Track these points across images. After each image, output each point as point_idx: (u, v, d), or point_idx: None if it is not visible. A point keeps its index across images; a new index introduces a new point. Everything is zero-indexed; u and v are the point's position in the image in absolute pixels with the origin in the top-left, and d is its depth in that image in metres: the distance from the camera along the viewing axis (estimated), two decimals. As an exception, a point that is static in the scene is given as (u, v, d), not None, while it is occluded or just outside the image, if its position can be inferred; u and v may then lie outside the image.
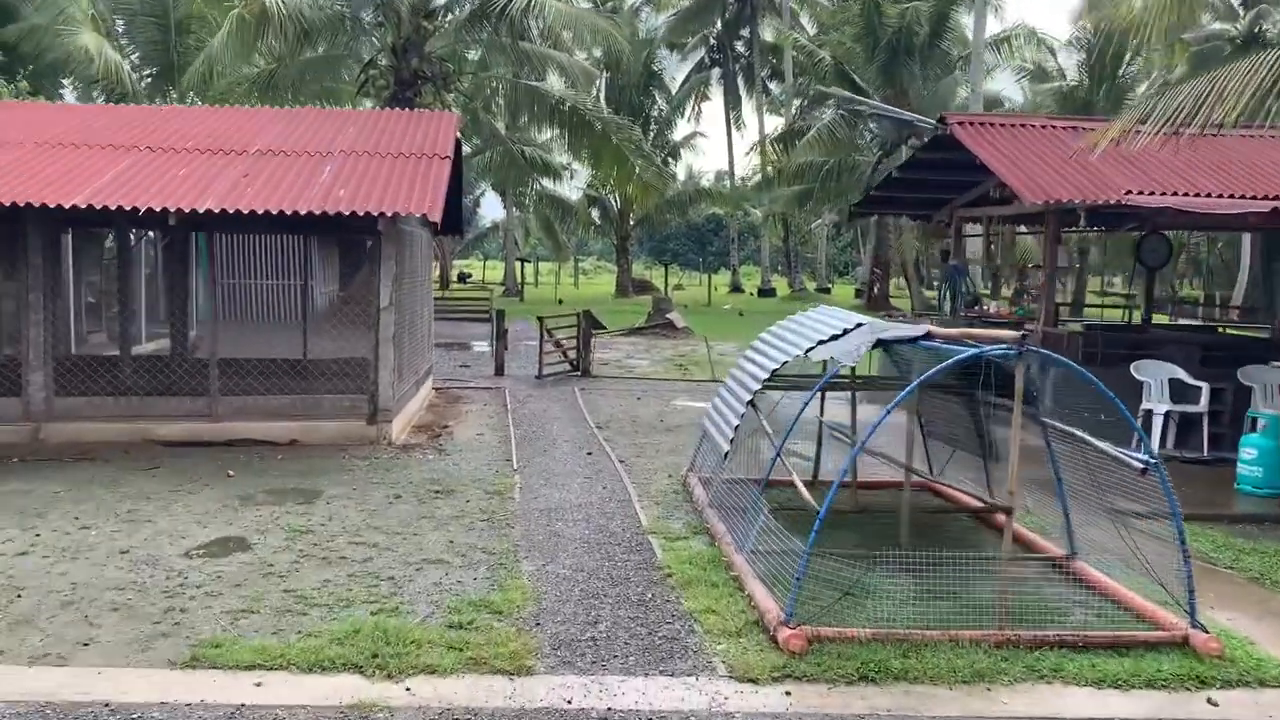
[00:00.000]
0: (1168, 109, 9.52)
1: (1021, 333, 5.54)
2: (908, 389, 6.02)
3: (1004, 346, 5.59)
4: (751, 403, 7.92)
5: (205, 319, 23.91)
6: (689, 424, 12.91)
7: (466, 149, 45.85)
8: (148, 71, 29.13)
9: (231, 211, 10.07)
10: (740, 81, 62.73)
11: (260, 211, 10.10)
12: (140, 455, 10.09)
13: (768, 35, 61.21)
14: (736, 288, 61.34)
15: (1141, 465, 5.32)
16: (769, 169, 44.00)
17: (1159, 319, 26.20)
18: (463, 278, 53.41)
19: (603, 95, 48.20)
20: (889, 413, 6.02)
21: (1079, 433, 5.97)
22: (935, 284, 57.77)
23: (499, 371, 17.41)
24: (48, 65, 26.85)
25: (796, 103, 52.80)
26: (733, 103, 62.69)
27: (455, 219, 15.82)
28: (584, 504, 8.55)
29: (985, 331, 6.26)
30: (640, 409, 14.09)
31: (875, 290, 40.35)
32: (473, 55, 33.25)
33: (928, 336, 6.44)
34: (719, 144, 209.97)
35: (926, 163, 14.94)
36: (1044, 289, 13.28)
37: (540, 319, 16.88)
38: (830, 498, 5.70)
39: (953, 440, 8.67)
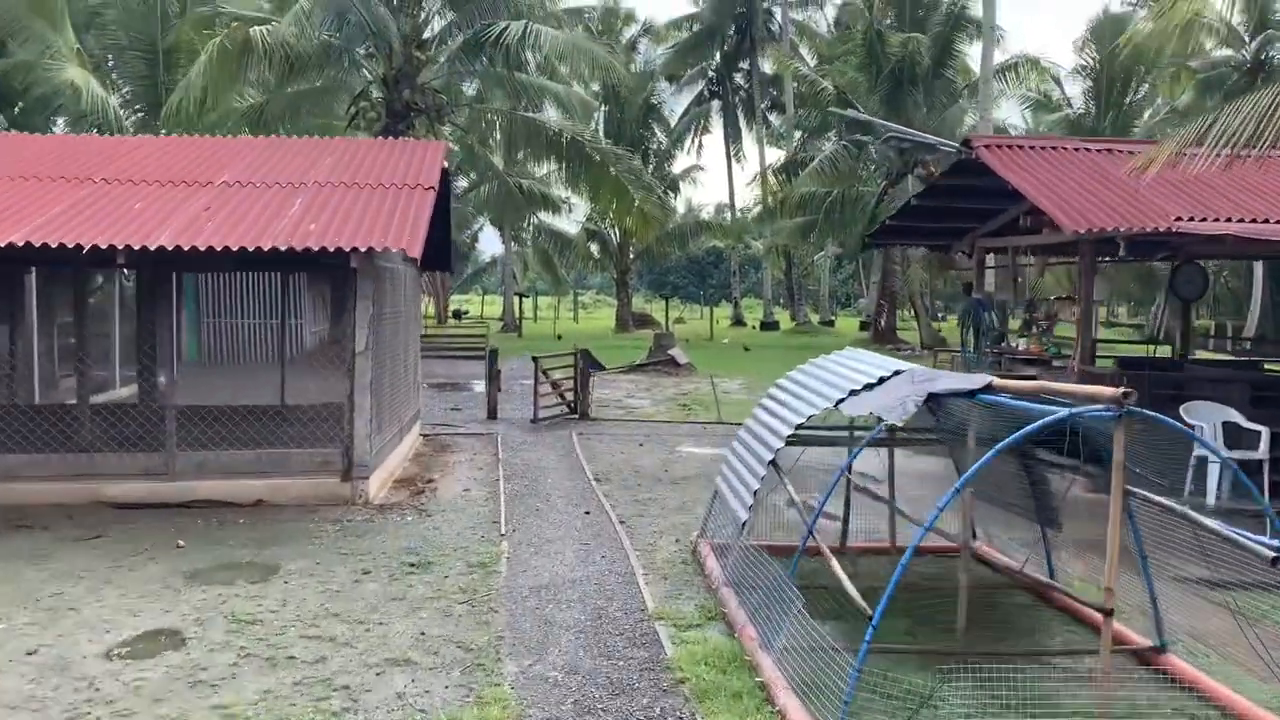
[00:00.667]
0: (1228, 128, 8.55)
1: (1122, 390, 4.48)
2: (982, 460, 4.90)
3: (1100, 407, 4.54)
4: (773, 462, 6.85)
5: (192, 361, 22.78)
6: (696, 475, 11.83)
7: (463, 183, 45.27)
8: (138, 107, 28.33)
9: (186, 249, 9.06)
10: (740, 114, 62.18)
11: (219, 248, 9.08)
12: (85, 520, 9.00)
13: (767, 67, 60.74)
14: (738, 321, 60.37)
15: (1273, 554, 4.25)
16: (770, 200, 43.20)
17: (1162, 352, 25.29)
18: (458, 314, 52.42)
19: (601, 129, 47.46)
20: (957, 491, 4.95)
21: (1183, 509, 4.89)
22: (942, 315, 56.94)
23: (492, 415, 16.34)
24: (36, 101, 26.05)
25: (798, 134, 52.19)
26: (733, 135, 62.10)
27: (444, 254, 14.85)
28: (580, 579, 7.45)
29: (1066, 387, 5.20)
30: (642, 457, 13.01)
31: (882, 323, 39.33)
32: (469, 89, 32.58)
33: (989, 389, 5.38)
34: (719, 176, 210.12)
35: (946, 190, 13.96)
36: (1080, 324, 12.25)
37: (535, 359, 15.84)
38: (885, 602, 4.61)
39: (1000, 500, 7.60)
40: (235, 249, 9.12)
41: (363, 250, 9.41)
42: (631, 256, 53.23)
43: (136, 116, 27.97)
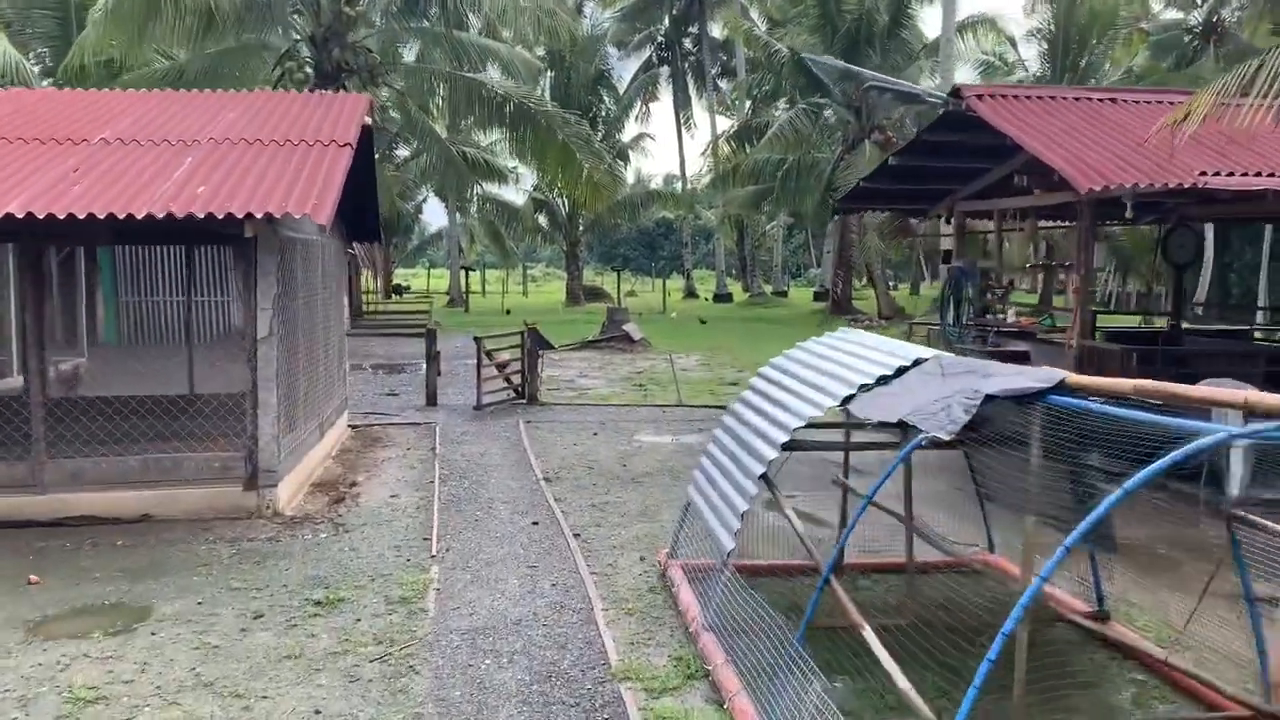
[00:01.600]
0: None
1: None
2: (1112, 499, 3.52)
3: (1267, 426, 3.24)
4: (764, 476, 5.51)
5: (109, 344, 20.77)
6: (658, 470, 10.49)
7: (404, 152, 43.28)
8: (53, 67, 26.09)
9: (41, 216, 7.44)
10: (690, 80, 60.53)
11: (81, 215, 7.48)
12: (-78, 548, 7.43)
13: (717, 31, 59.15)
14: (691, 293, 59.08)
15: None
16: (721, 168, 41.84)
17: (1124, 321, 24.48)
18: (399, 290, 50.40)
19: (547, 94, 45.66)
20: (1068, 551, 3.61)
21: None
22: (893, 285, 56.03)
23: (431, 401, 14.85)
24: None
25: (749, 101, 50.78)
26: (682, 102, 60.46)
27: (373, 223, 13.27)
28: (525, 618, 6.07)
29: (1187, 390, 3.90)
30: (598, 449, 11.64)
31: (838, 293, 38.26)
32: (408, 54, 30.63)
33: (1061, 388, 4.06)
34: (668, 146, 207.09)
35: (926, 147, 12.66)
36: (1079, 294, 11.07)
37: (478, 339, 14.34)
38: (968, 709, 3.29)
39: (1029, 508, 6.34)
40: (102, 216, 7.53)
41: (259, 216, 7.87)
42: (581, 229, 51.65)
43: (50, 81, 25.79)
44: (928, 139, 12.20)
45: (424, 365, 15.40)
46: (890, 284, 59.48)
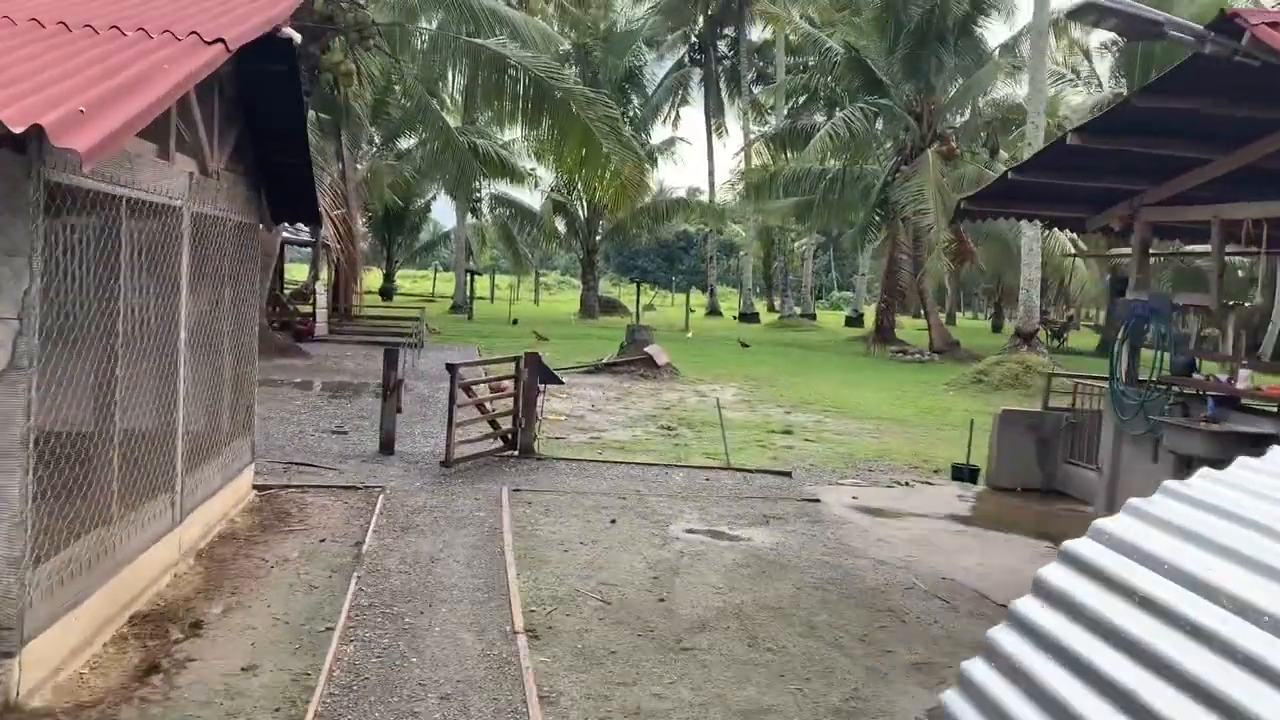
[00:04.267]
0: None
1: None
2: None
3: None
4: None
5: None
6: (723, 615, 6.37)
7: (409, 142, 39.21)
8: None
9: None
10: (723, 85, 56.72)
11: None
12: None
13: (756, 34, 55.29)
14: (714, 310, 55.05)
15: None
16: (759, 176, 37.81)
17: None
18: (386, 293, 46.33)
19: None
20: None
21: None
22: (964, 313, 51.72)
23: (386, 448, 10.79)
24: None
25: (787, 106, 46.84)
26: (714, 108, 56.62)
27: (305, 197, 9.18)
28: None
29: None
30: (617, 554, 7.53)
31: (883, 321, 34.09)
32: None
33: None
34: (695, 155, 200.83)
35: (1128, 120, 8.56)
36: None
37: (452, 367, 10.17)
38: None
39: None
40: None
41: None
42: (599, 236, 47.68)
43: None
44: (1140, 105, 8.07)
45: (403, 378, 11.33)
46: (961, 311, 55.19)
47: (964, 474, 11.40)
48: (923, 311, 33.54)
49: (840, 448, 13.61)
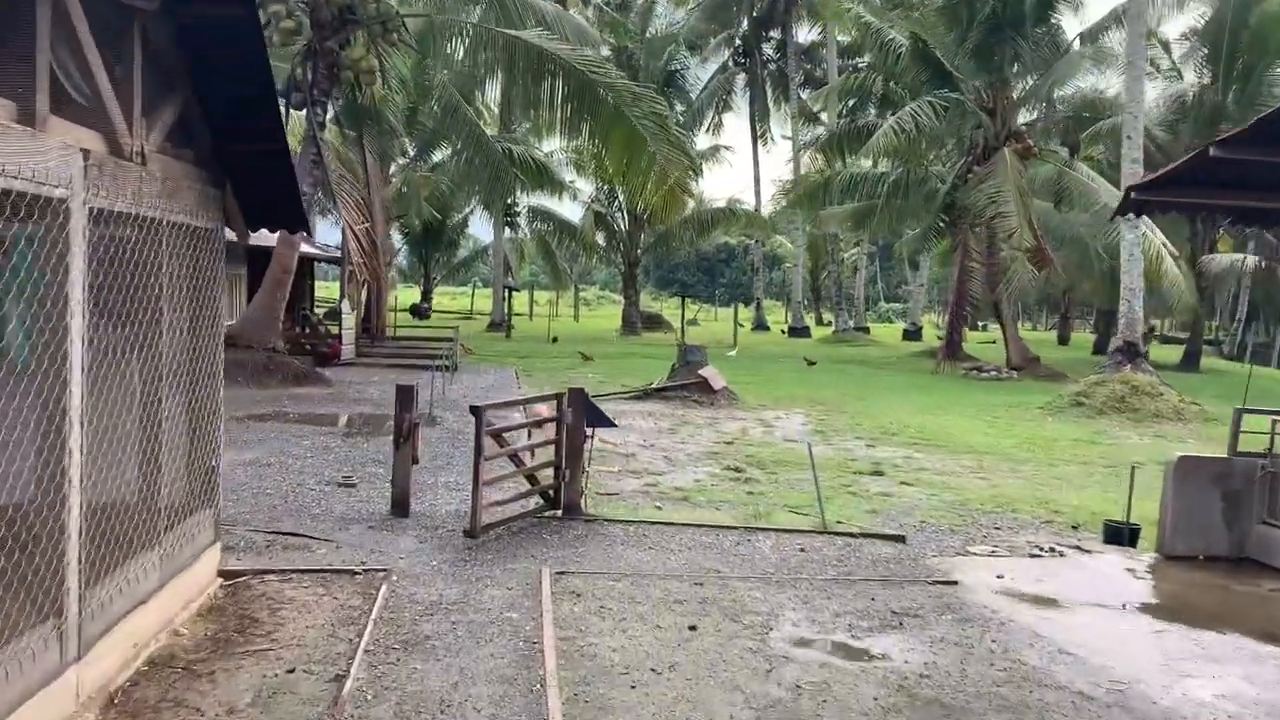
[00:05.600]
0: None
1: None
2: None
3: None
4: None
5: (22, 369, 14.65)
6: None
7: (443, 154, 37.07)
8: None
9: None
10: (769, 89, 54.47)
11: None
12: None
13: (803, 35, 53.04)
14: (761, 325, 52.67)
15: None
16: (811, 183, 35.52)
17: None
18: (418, 311, 44.42)
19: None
20: None
21: None
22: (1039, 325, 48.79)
23: (399, 508, 8.66)
24: None
25: (840, 106, 44.42)
26: (759, 113, 54.36)
27: (284, 199, 7.06)
28: None
29: None
30: (707, 686, 5.27)
31: (952, 335, 31.54)
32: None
33: None
34: (736, 162, 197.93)
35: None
36: None
37: (478, 411, 7.98)
38: None
39: None
40: None
41: None
42: (641, 249, 45.54)
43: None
44: None
45: (419, 421, 9.22)
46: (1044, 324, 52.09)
47: (1122, 536, 9.05)
48: (998, 324, 30.95)
49: (946, 493, 11.32)
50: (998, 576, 7.67)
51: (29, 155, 3.95)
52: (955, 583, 7.41)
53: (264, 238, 22.68)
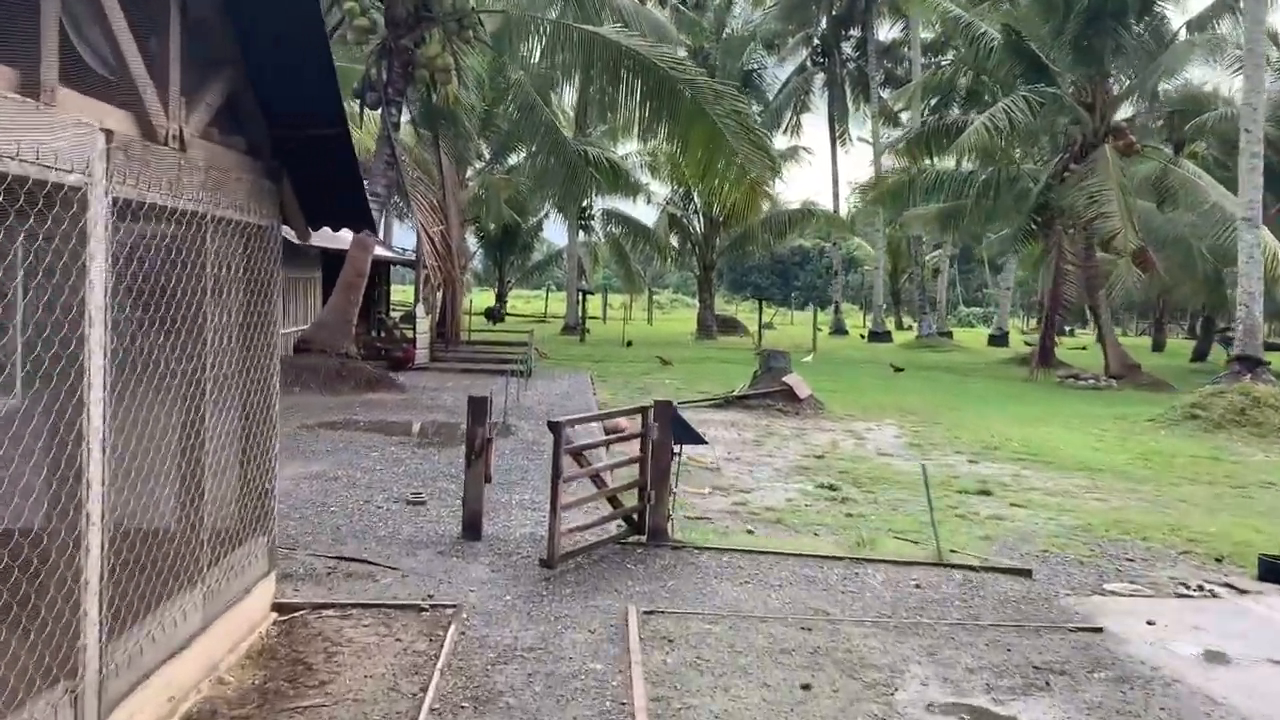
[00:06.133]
0: None
1: None
2: None
3: None
4: None
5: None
6: None
7: (516, 158, 36.48)
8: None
9: None
10: (848, 89, 53.17)
11: None
12: None
13: (884, 33, 51.66)
14: (839, 329, 51.33)
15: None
16: (895, 182, 34.27)
17: None
18: (493, 314, 44.04)
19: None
20: None
21: None
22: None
23: (471, 530, 7.97)
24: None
25: (923, 104, 42.97)
26: (839, 114, 53.06)
27: (347, 192, 6.39)
28: None
29: None
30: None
31: (1046, 341, 29.98)
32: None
33: None
34: (817, 161, 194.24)
35: None
36: None
37: (556, 427, 7.21)
38: None
39: None
40: None
41: None
42: (716, 252, 44.66)
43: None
44: None
45: (493, 435, 8.56)
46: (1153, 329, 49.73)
47: (1277, 573, 7.96)
48: (1092, 329, 29.34)
49: (1064, 516, 10.28)
50: (1148, 623, 6.67)
51: (33, 132, 3.31)
52: (1100, 629, 6.45)
53: (340, 240, 22.40)
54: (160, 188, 4.30)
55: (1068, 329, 50.74)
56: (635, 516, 7.98)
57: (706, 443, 8.72)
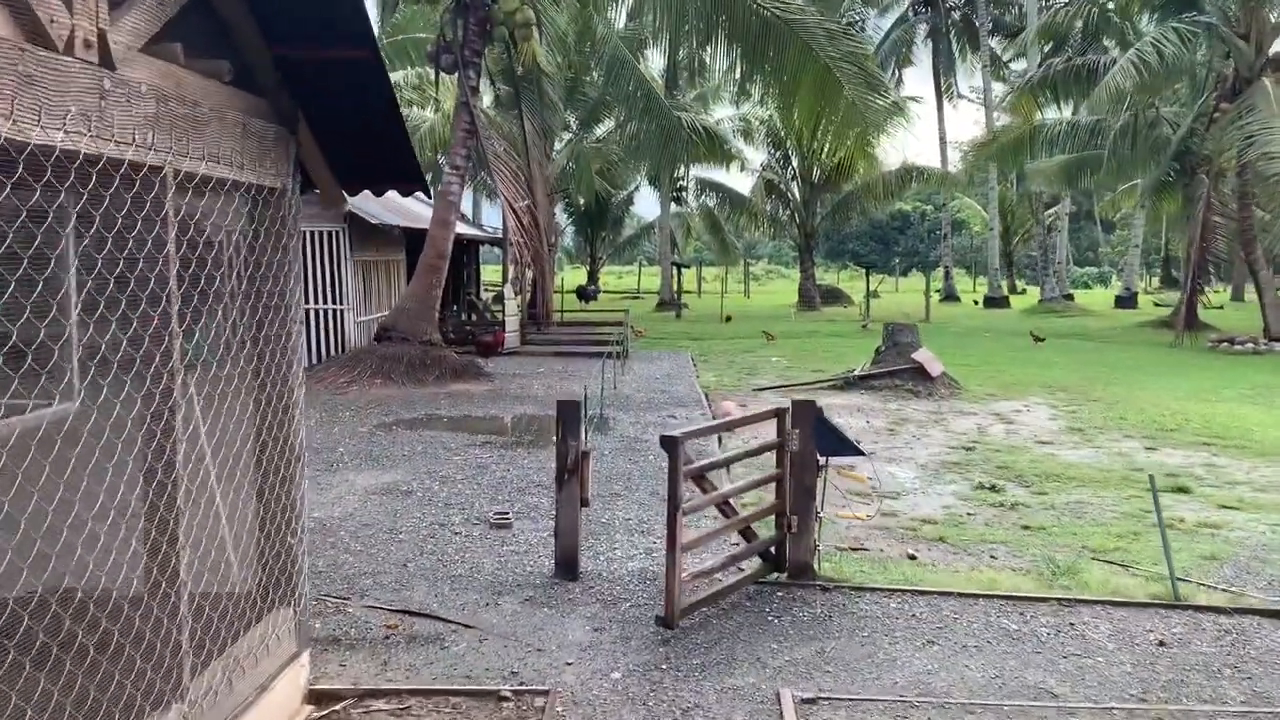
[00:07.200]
0: None
1: None
2: None
3: None
4: None
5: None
6: None
7: (603, 129, 34.63)
8: None
9: None
10: (953, 40, 49.94)
11: None
12: None
13: (991, -23, 48.17)
14: (950, 295, 48.40)
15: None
16: (1015, 133, 31.57)
17: None
18: (585, 294, 42.42)
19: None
20: None
21: None
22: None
23: (564, 569, 6.37)
24: None
25: (1041, 51, 39.77)
26: (944, 66, 49.90)
27: (387, 149, 4.78)
28: None
29: None
30: None
31: (1191, 302, 27.03)
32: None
33: None
34: (920, 120, 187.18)
35: None
36: None
37: (672, 443, 5.50)
38: None
39: None
40: None
41: None
42: (819, 216, 42.32)
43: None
44: None
45: (590, 449, 6.95)
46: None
47: None
48: (1256, 288, 26.34)
49: (1297, 522, 8.22)
50: None
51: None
52: None
53: (422, 219, 21.01)
54: (64, 120, 2.72)
55: (1257, 289, 46.77)
56: (772, 549, 6.25)
57: (864, 453, 6.92)
